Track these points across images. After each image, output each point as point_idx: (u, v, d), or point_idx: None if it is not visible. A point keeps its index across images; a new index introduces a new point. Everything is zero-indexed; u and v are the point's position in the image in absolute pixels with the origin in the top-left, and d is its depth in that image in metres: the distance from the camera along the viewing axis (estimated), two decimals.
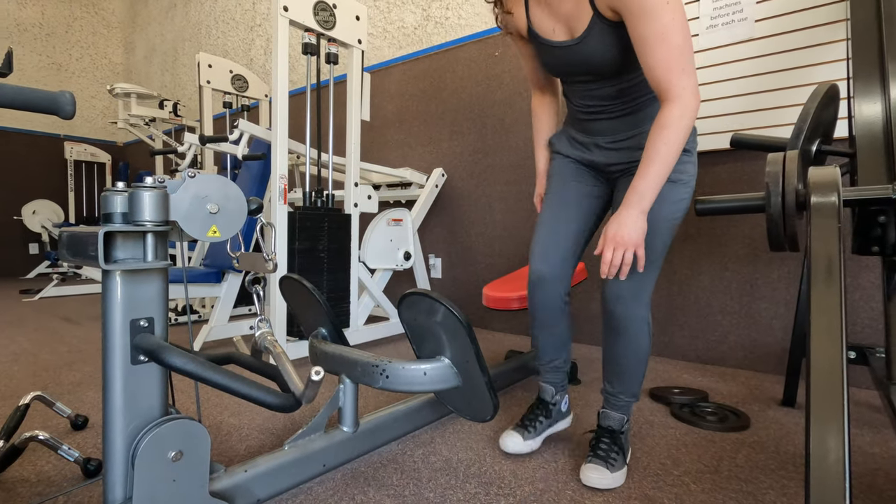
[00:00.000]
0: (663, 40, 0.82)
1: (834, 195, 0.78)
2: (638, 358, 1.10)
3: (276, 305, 1.88)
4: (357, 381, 1.10)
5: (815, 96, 1.13)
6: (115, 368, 0.76)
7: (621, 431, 1.12)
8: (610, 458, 1.06)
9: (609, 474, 1.04)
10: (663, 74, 0.85)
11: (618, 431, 1.11)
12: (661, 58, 0.83)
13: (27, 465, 1.13)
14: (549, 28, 1.01)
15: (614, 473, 1.05)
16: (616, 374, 1.13)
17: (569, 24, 0.98)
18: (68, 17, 5.80)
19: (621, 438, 1.11)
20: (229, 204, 0.83)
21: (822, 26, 1.74)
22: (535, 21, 1.02)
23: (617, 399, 1.14)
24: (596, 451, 1.09)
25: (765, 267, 1.90)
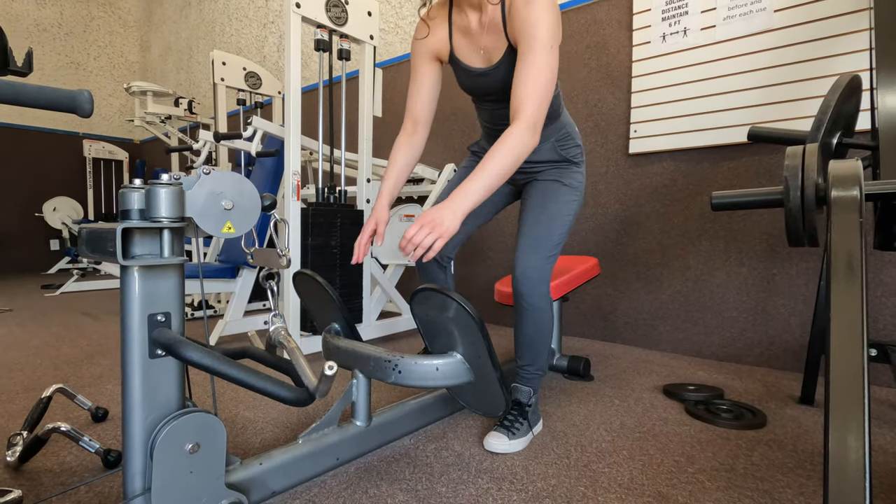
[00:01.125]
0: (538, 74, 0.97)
1: (855, 189, 0.76)
2: (543, 328, 1.24)
3: (290, 301, 1.90)
4: (370, 376, 1.11)
5: (836, 88, 1.10)
6: (134, 362, 0.77)
7: (528, 404, 1.26)
8: (514, 428, 1.22)
9: (507, 441, 1.19)
10: (525, 99, 0.98)
11: (524, 404, 1.26)
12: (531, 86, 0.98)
13: (50, 455, 1.16)
14: (471, 57, 1.15)
15: (513, 440, 1.19)
16: (525, 347, 1.26)
17: (487, 55, 1.13)
18: (86, 16, 5.89)
19: (527, 410, 1.25)
20: (243, 200, 0.84)
21: (845, 15, 1.70)
22: (458, 49, 1.17)
23: (526, 371, 1.28)
24: (502, 422, 1.24)
25: (783, 262, 1.87)
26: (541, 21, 0.97)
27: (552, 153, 1.29)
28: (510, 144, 0.97)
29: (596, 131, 2.32)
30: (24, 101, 0.70)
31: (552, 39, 0.98)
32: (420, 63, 1.21)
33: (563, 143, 1.29)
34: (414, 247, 0.93)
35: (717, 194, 1.05)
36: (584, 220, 2.38)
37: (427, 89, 1.22)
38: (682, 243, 2.10)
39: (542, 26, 0.97)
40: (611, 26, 2.25)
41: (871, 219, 1.64)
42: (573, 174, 1.30)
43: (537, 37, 0.97)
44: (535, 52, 0.97)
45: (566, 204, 1.27)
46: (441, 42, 1.17)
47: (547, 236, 1.23)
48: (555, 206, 1.26)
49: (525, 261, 1.21)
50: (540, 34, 0.97)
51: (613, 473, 1.09)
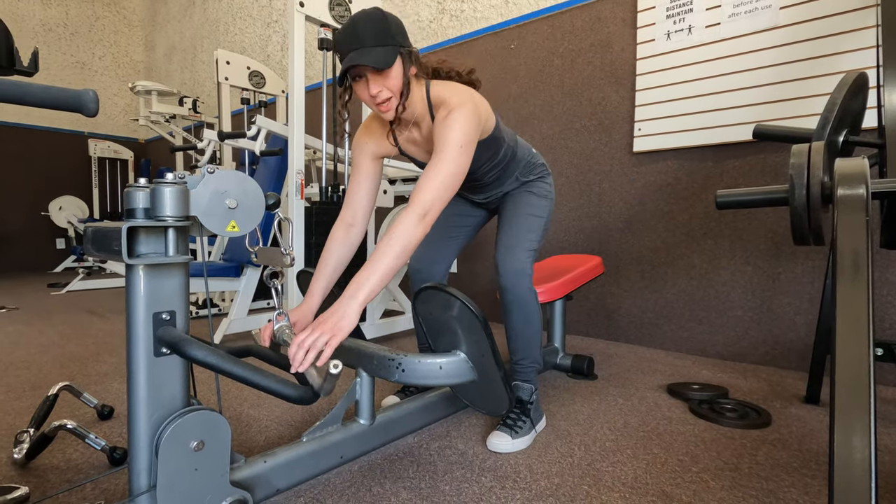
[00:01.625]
0: (440, 169, 1.05)
1: (862, 187, 0.75)
2: (531, 321, 1.29)
3: (294, 299, 1.90)
4: (373, 375, 1.11)
5: (842, 85, 1.10)
6: (139, 360, 0.78)
7: (529, 402, 1.29)
8: (516, 426, 1.23)
9: (510, 440, 1.20)
10: (423, 189, 1.04)
11: (526, 402, 1.29)
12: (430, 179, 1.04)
13: (56, 452, 1.16)
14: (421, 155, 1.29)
15: (516, 440, 1.21)
16: (517, 341, 1.31)
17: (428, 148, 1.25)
18: (91, 16, 5.92)
19: (529, 408, 1.28)
20: (247, 199, 0.84)
21: (851, 12, 1.68)
22: (407, 150, 1.29)
23: (521, 366, 1.32)
24: (505, 421, 1.25)
25: (788, 261, 1.86)
26: (452, 130, 1.07)
27: (516, 182, 1.42)
28: (398, 236, 1.00)
29: (600, 129, 2.31)
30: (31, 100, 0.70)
31: (462, 141, 1.07)
32: (362, 160, 1.27)
33: (525, 172, 1.42)
34: (304, 350, 0.87)
35: (722, 193, 1.04)
36: (587, 218, 2.37)
37: (368, 185, 1.27)
38: (687, 242, 2.09)
39: (453, 135, 1.07)
40: (615, 24, 2.24)
41: (877, 217, 1.63)
42: (540, 186, 1.43)
43: (447, 143, 1.07)
44: (441, 156, 1.06)
45: (536, 207, 1.39)
46: (386, 148, 1.27)
47: (523, 235, 1.32)
48: (527, 210, 1.38)
49: (505, 258, 1.28)
50: (449, 141, 1.07)
51: (617, 472, 1.09)
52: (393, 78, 1.07)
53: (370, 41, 1.02)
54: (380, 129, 1.27)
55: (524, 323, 1.29)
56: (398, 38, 1.07)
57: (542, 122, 2.51)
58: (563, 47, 2.42)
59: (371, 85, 1.06)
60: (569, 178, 2.43)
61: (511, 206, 1.40)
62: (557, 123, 2.46)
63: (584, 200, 2.38)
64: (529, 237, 1.33)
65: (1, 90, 0.68)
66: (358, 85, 1.10)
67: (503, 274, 1.28)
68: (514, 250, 1.29)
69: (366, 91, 1.09)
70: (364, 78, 1.07)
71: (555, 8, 2.43)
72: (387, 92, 1.07)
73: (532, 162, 1.43)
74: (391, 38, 1.05)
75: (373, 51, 1.02)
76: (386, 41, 1.04)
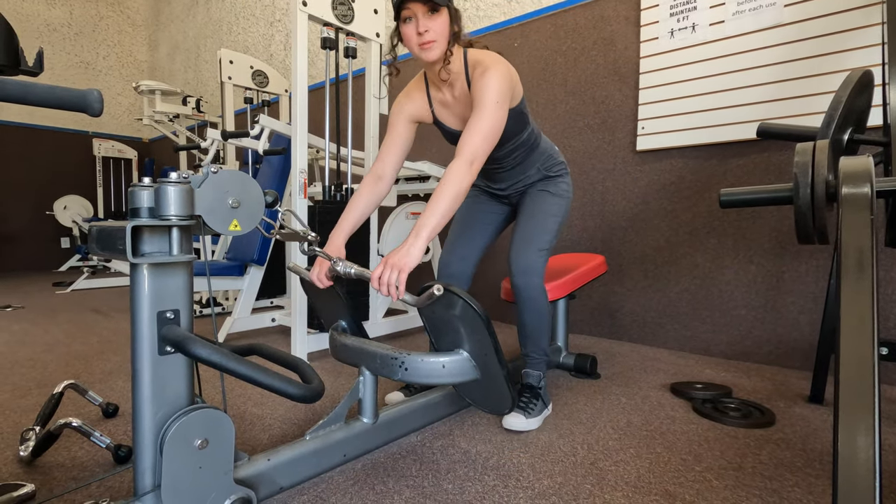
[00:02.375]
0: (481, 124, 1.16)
1: (866, 186, 0.75)
2: (541, 316, 1.36)
3: (297, 298, 1.91)
4: (376, 373, 1.11)
5: (847, 83, 1.09)
6: (144, 359, 0.78)
7: (539, 387, 1.39)
8: (529, 408, 1.33)
9: (525, 420, 1.30)
10: (467, 141, 1.15)
11: (535, 387, 1.39)
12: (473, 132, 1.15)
13: (62, 450, 1.17)
14: (451, 121, 1.36)
15: (530, 419, 1.31)
16: (527, 335, 1.39)
17: (465, 119, 1.31)
18: (95, 16, 5.94)
19: (539, 392, 1.38)
20: (249, 199, 0.85)
21: (856, 10, 1.67)
22: (440, 115, 1.37)
23: (532, 358, 1.40)
24: (518, 404, 1.34)
25: (792, 260, 1.85)
26: (489, 86, 1.17)
27: (539, 174, 1.47)
28: (451, 182, 1.12)
29: (603, 128, 2.31)
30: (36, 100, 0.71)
31: (498, 97, 1.17)
32: (398, 120, 1.36)
33: (546, 164, 1.47)
34: (386, 286, 1.03)
35: (726, 191, 1.04)
36: (590, 217, 2.37)
37: (400, 145, 1.37)
38: (690, 241, 2.08)
39: (491, 90, 1.17)
40: (618, 22, 2.24)
41: (881, 216, 1.62)
42: (558, 184, 1.47)
43: (485, 97, 1.17)
44: (481, 109, 1.16)
45: (553, 206, 1.44)
46: (423, 110, 1.37)
47: (537, 235, 1.38)
48: (543, 210, 1.43)
49: (518, 256, 1.35)
50: (488, 96, 1.17)
51: (620, 471, 1.09)
52: (440, 23, 1.18)
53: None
54: (418, 92, 1.37)
55: (535, 319, 1.37)
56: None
57: (545, 121, 2.50)
58: (567, 46, 2.42)
59: (420, 23, 1.17)
60: (572, 177, 2.42)
61: (529, 205, 1.45)
62: (560, 122, 2.45)
63: (588, 199, 2.38)
64: (544, 237, 1.39)
65: (6, 90, 0.68)
66: (407, 26, 1.19)
67: (515, 272, 1.34)
68: (527, 249, 1.35)
69: (414, 30, 1.18)
70: (415, 18, 1.17)
71: (558, 6, 2.43)
72: (433, 33, 1.17)
73: (554, 157, 1.48)
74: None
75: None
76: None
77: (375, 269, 1.05)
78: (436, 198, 1.10)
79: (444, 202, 1.10)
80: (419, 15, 1.16)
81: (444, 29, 1.19)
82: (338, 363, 1.94)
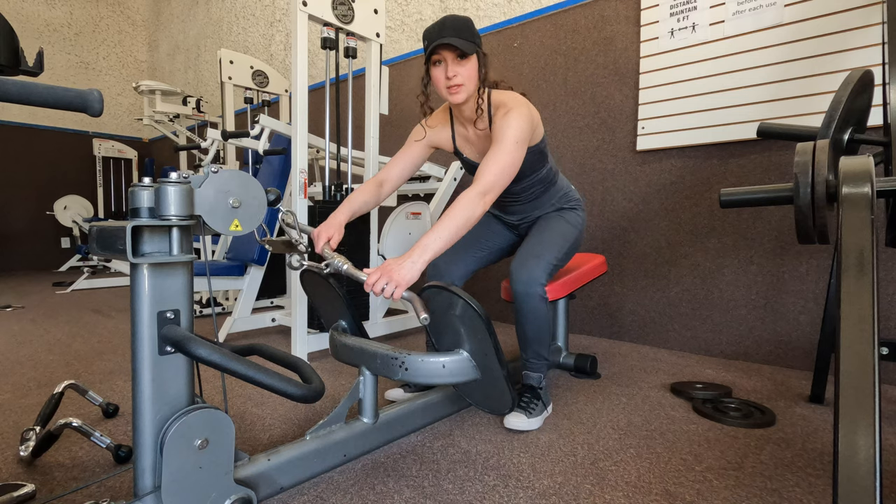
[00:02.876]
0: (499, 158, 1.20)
1: (867, 185, 0.75)
2: (540, 327, 1.35)
3: (297, 298, 1.91)
4: (377, 373, 1.11)
5: (847, 83, 1.09)
6: (144, 359, 0.78)
7: (539, 387, 1.39)
8: (530, 408, 1.33)
9: (526, 419, 1.30)
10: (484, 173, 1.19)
11: (536, 387, 1.39)
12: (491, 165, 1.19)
13: (62, 450, 1.17)
14: (472, 153, 1.44)
15: (531, 419, 1.31)
16: (527, 341, 1.37)
17: (484, 152, 1.40)
18: (95, 16, 5.94)
19: (539, 393, 1.38)
20: (250, 198, 0.85)
21: (856, 10, 1.67)
22: (461, 148, 1.44)
23: (531, 363, 1.40)
24: (519, 404, 1.34)
25: (792, 260, 1.85)
26: (510, 126, 1.22)
27: (553, 207, 1.53)
28: (462, 208, 1.14)
29: (603, 128, 2.31)
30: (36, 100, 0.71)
31: (517, 137, 1.22)
32: (417, 142, 1.43)
33: (562, 200, 1.52)
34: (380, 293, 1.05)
35: (726, 191, 1.04)
36: (590, 217, 2.37)
37: (411, 162, 1.44)
38: (691, 240, 2.08)
39: (511, 129, 1.21)
40: (618, 22, 2.24)
41: (882, 216, 1.62)
42: (572, 215, 1.51)
43: (506, 136, 1.21)
44: (500, 145, 1.21)
45: (565, 229, 1.46)
46: (445, 141, 1.45)
47: (545, 250, 1.37)
48: (552, 229, 1.45)
49: (522, 266, 1.34)
50: (508, 134, 1.21)
51: (620, 471, 1.09)
52: (468, 68, 1.25)
53: (455, 34, 1.20)
54: (443, 124, 1.44)
55: (535, 330, 1.36)
56: (478, 40, 1.26)
57: (545, 121, 2.50)
58: (567, 45, 2.42)
59: (449, 68, 1.23)
60: (572, 177, 2.42)
61: (541, 224, 1.49)
62: (560, 122, 2.45)
63: (588, 199, 2.38)
64: (551, 252, 1.38)
65: (6, 90, 0.68)
66: (436, 69, 1.26)
67: (516, 281, 1.33)
68: (532, 261, 1.34)
69: (443, 73, 1.25)
70: (444, 62, 1.24)
71: (558, 6, 2.43)
72: (461, 78, 1.24)
73: (570, 194, 1.54)
74: (473, 37, 1.24)
75: (456, 40, 1.20)
76: (468, 38, 1.22)
77: (371, 274, 1.06)
78: (444, 221, 1.11)
79: (452, 227, 1.11)
80: (449, 60, 1.23)
81: (473, 74, 1.26)
82: (338, 363, 1.94)
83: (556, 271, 1.40)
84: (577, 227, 1.49)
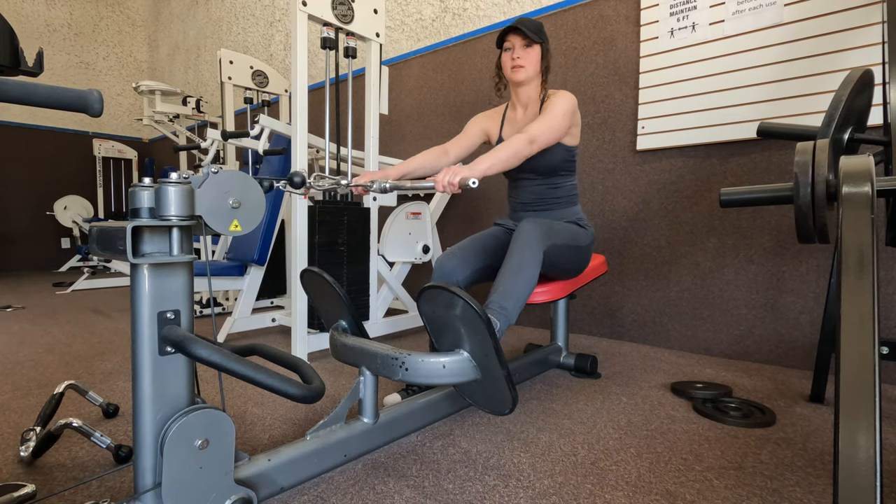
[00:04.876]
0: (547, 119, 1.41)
1: (867, 185, 0.75)
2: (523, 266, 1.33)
3: (298, 298, 1.91)
4: (377, 374, 1.11)
5: (847, 82, 1.09)
6: (144, 359, 0.78)
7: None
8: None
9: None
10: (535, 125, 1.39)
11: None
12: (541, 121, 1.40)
13: (62, 450, 1.17)
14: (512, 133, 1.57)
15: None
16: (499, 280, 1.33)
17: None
18: (95, 16, 5.94)
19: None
20: (249, 198, 0.85)
21: (856, 9, 1.67)
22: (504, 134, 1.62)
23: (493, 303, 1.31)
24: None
25: (793, 259, 1.85)
26: (559, 102, 1.44)
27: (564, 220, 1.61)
28: (514, 144, 1.31)
29: (603, 127, 2.31)
30: (36, 100, 0.71)
31: (565, 109, 1.43)
32: (473, 127, 1.65)
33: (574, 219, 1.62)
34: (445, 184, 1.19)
35: (726, 191, 1.04)
36: (591, 216, 2.37)
37: (467, 142, 1.63)
38: (691, 240, 2.08)
39: (559, 104, 1.44)
40: (618, 22, 2.24)
41: (882, 215, 1.62)
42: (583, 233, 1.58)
43: (555, 105, 1.44)
44: (550, 110, 1.43)
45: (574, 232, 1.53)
46: (493, 127, 1.65)
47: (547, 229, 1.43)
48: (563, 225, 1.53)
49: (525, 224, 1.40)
50: (557, 105, 1.43)
51: (621, 471, 1.09)
52: (532, 54, 1.48)
53: (525, 26, 1.46)
54: (496, 113, 1.67)
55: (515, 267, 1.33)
56: (544, 37, 1.51)
57: None
58: (566, 45, 2.41)
59: (515, 51, 1.48)
60: None
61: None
62: None
63: (588, 199, 2.38)
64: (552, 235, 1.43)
65: (6, 90, 0.68)
66: (506, 53, 1.51)
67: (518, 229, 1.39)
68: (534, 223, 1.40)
69: (510, 56, 1.49)
70: (512, 48, 1.48)
71: (558, 6, 2.43)
72: (523, 60, 1.47)
73: (583, 219, 1.63)
74: (540, 33, 1.49)
75: (524, 30, 1.45)
76: (536, 31, 1.47)
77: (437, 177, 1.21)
78: (498, 149, 1.29)
79: (500, 154, 1.28)
80: (516, 46, 1.48)
81: (535, 60, 1.49)
82: (338, 363, 1.94)
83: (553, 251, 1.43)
84: (583, 241, 1.56)
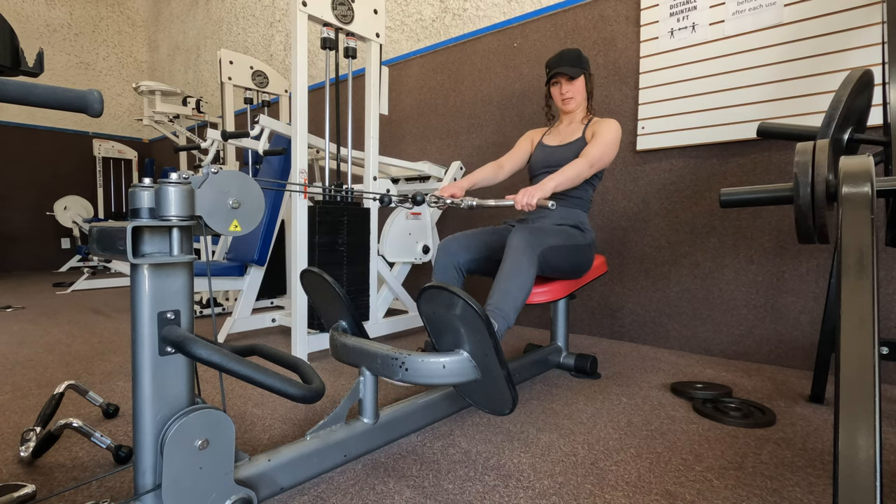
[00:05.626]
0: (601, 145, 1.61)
1: (867, 185, 0.75)
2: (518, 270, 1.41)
3: (297, 298, 1.91)
4: (377, 374, 1.11)
5: (847, 82, 1.09)
6: (144, 359, 0.78)
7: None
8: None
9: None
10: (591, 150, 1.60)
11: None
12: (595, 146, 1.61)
13: (62, 451, 1.17)
14: (550, 140, 1.81)
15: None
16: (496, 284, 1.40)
17: (563, 139, 1.77)
18: (95, 16, 5.94)
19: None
20: (249, 199, 0.85)
21: (856, 9, 1.67)
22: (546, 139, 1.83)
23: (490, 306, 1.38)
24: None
25: (792, 260, 1.85)
26: (608, 131, 1.64)
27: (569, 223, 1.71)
28: (577, 166, 1.54)
29: None
30: (36, 101, 0.71)
31: (615, 138, 1.64)
32: (523, 143, 1.86)
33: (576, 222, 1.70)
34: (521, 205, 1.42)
35: (726, 191, 1.04)
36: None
37: (519, 156, 1.84)
38: (691, 240, 2.08)
39: (610, 132, 1.63)
40: (618, 22, 2.24)
41: (882, 215, 1.62)
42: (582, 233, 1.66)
43: (604, 133, 1.63)
44: (603, 137, 1.62)
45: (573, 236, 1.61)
46: (537, 136, 1.87)
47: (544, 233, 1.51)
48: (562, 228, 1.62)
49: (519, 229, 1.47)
50: (606, 134, 1.63)
51: (621, 471, 1.09)
52: (577, 85, 1.71)
53: (568, 63, 1.68)
54: (541, 130, 1.89)
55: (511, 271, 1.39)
56: (585, 65, 1.71)
57: (545, 121, 2.50)
58: (566, 45, 2.41)
59: (563, 87, 1.71)
60: None
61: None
62: None
63: None
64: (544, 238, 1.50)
65: (6, 91, 0.68)
66: (555, 88, 1.74)
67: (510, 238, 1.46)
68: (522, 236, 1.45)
69: (559, 91, 1.73)
70: (560, 84, 1.72)
71: (558, 6, 2.43)
72: (571, 93, 1.71)
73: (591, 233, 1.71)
74: (581, 63, 1.69)
75: (567, 69, 1.66)
76: (578, 64, 1.69)
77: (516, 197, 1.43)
78: (561, 171, 1.52)
79: (567, 174, 1.51)
80: (563, 82, 1.70)
81: (581, 89, 1.72)
82: (338, 363, 1.94)
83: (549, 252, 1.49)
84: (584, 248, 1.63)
